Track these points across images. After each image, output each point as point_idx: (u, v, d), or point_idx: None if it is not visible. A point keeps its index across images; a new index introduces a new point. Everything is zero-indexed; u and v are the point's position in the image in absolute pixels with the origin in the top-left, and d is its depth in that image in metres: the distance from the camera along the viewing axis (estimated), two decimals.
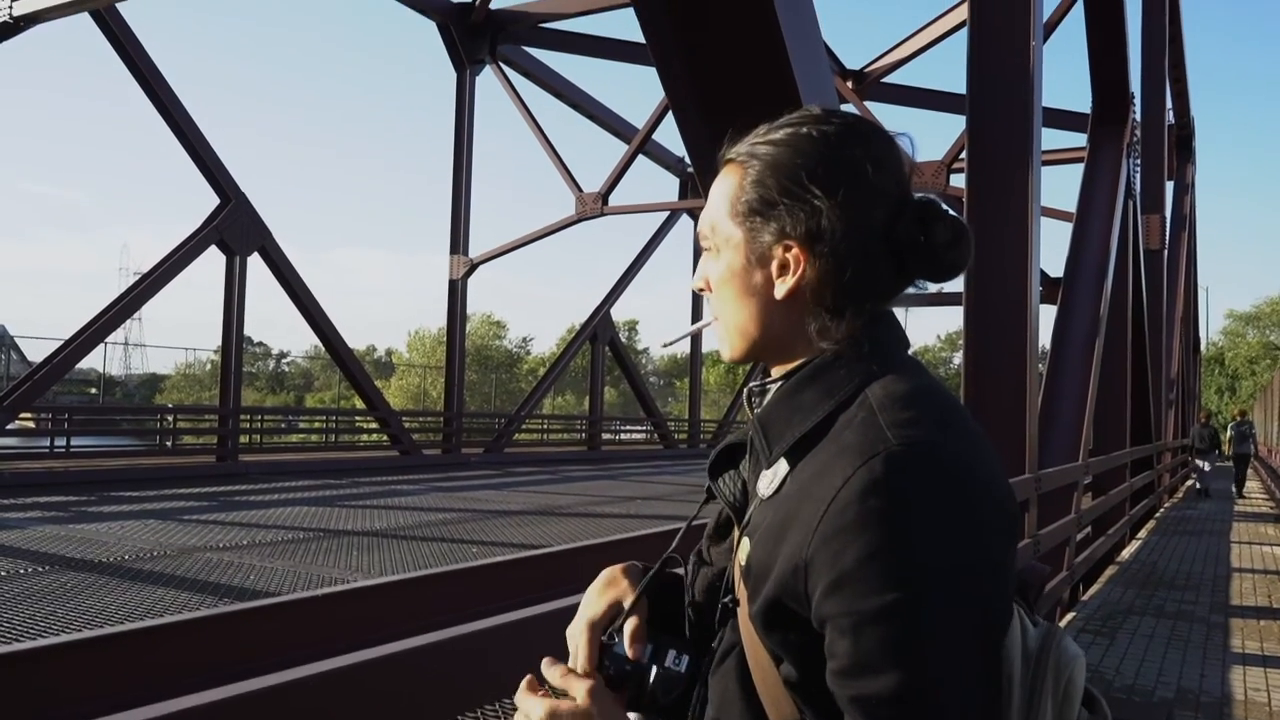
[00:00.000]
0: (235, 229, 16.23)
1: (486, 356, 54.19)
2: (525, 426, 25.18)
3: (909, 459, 0.80)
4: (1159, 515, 14.43)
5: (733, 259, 0.97)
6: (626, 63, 21.97)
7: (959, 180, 14.01)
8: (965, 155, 6.13)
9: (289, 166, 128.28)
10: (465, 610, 2.17)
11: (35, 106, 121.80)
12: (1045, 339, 8.62)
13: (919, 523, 0.78)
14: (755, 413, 0.97)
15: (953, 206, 0.95)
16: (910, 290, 0.96)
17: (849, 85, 19.87)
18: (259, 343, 60.41)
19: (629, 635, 1.00)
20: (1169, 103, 18.16)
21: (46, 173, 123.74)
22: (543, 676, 1.00)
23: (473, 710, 1.74)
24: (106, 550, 7.81)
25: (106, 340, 16.04)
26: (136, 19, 16.19)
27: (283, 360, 62.03)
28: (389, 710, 1.52)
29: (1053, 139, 18.01)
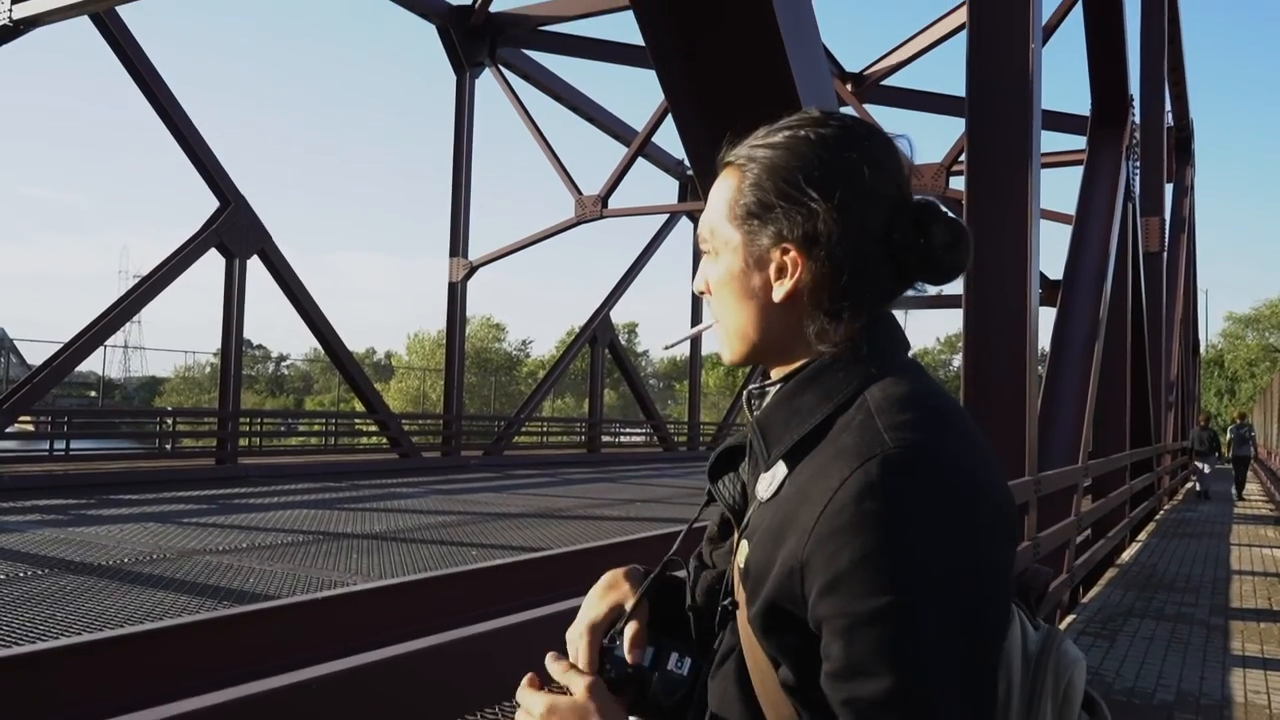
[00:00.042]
0: (235, 232, 16.24)
1: (486, 359, 54.22)
2: (525, 429, 25.17)
3: (905, 462, 0.80)
4: (1159, 518, 14.43)
5: (731, 262, 0.97)
6: (626, 65, 21.98)
7: (958, 183, 14.00)
8: (965, 158, 6.13)
9: (289, 169, 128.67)
10: (465, 613, 2.16)
11: (35, 110, 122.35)
12: (1045, 341, 8.63)
13: (914, 525, 0.78)
14: (754, 415, 0.97)
15: (952, 209, 0.96)
16: (910, 293, 0.96)
17: (848, 88, 19.88)
18: (258, 346, 60.46)
19: (629, 639, 0.99)
20: (1168, 105, 18.18)
21: (46, 176, 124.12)
22: (545, 675, 1.00)
23: (473, 713, 1.74)
24: (106, 553, 7.80)
25: (106, 343, 16.05)
26: (136, 22, 16.19)
27: (282, 363, 62.14)
28: (390, 713, 1.52)
29: (1052, 141, 18.06)
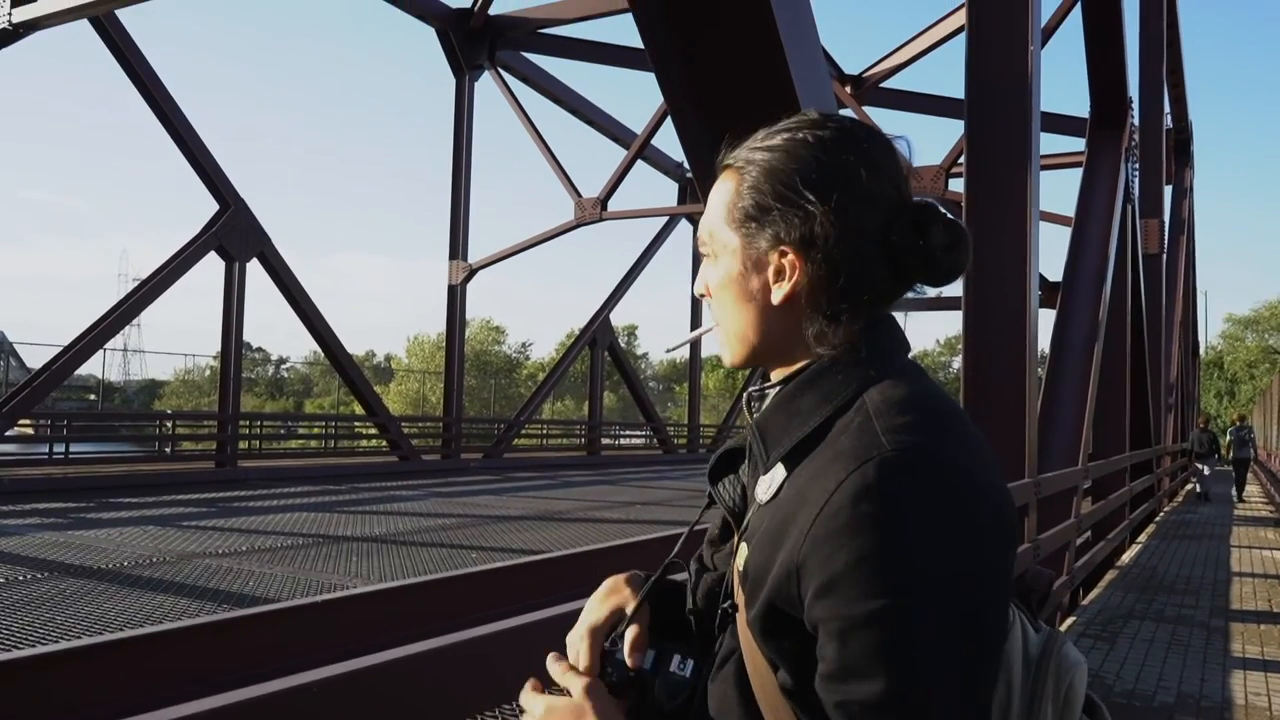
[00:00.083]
0: (234, 235, 16.25)
1: (486, 362, 54.23)
2: (524, 431, 25.16)
3: (902, 464, 0.80)
4: (1159, 519, 14.43)
5: (730, 265, 0.97)
6: (625, 68, 22.00)
7: (958, 185, 14.01)
8: (964, 160, 6.14)
9: (288, 172, 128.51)
10: (466, 616, 2.16)
11: (35, 113, 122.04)
12: (1044, 343, 8.63)
13: (911, 528, 0.78)
14: (754, 418, 0.96)
15: (951, 211, 0.95)
16: (909, 294, 0.96)
17: (848, 90, 19.91)
18: (258, 348, 60.49)
19: (630, 642, 0.99)
20: (1167, 107, 18.19)
21: (46, 179, 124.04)
22: (546, 677, 1.00)
23: (474, 716, 1.73)
24: (105, 557, 7.80)
25: (105, 346, 16.05)
26: (135, 26, 16.19)
27: (282, 366, 62.14)
28: (390, 716, 1.52)
29: (1051, 143, 18.04)
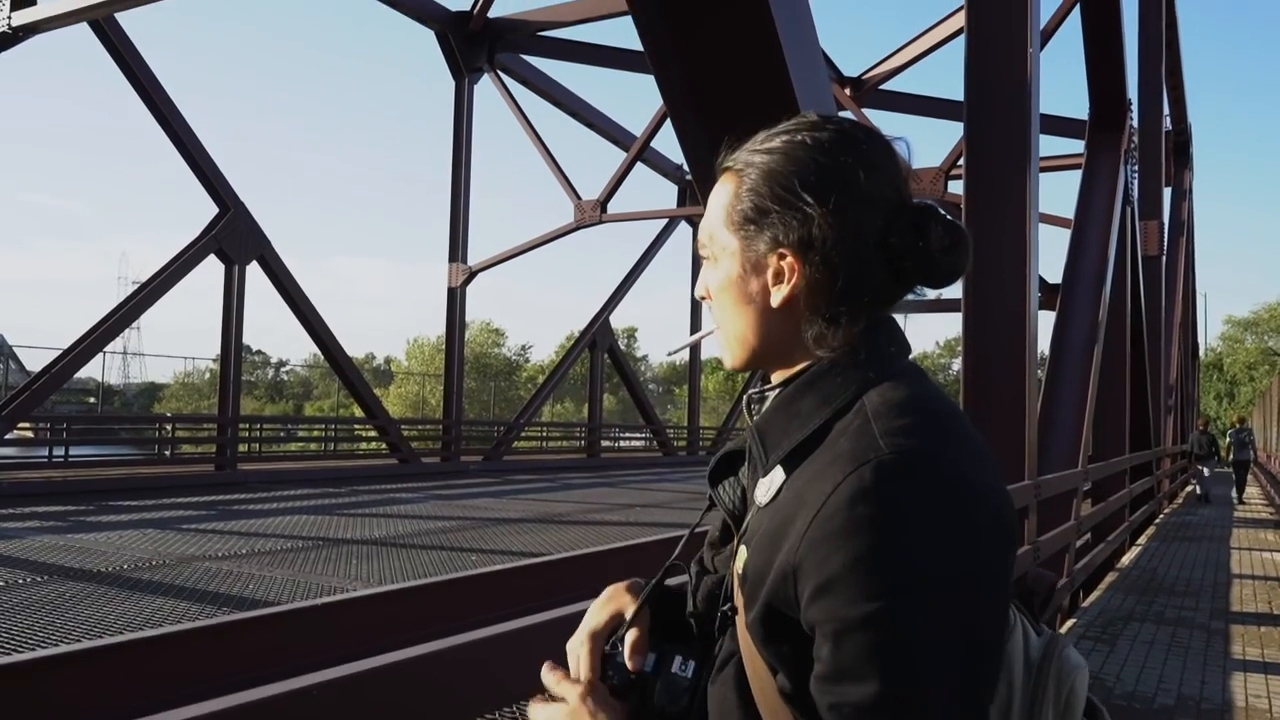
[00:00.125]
0: (234, 238, 16.25)
1: (485, 364, 54.20)
2: (524, 434, 25.15)
3: (900, 467, 0.79)
4: (1159, 521, 14.43)
5: (730, 268, 0.97)
6: (625, 70, 22.02)
7: (957, 187, 14.02)
8: (963, 162, 6.14)
9: (288, 175, 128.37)
10: (465, 619, 2.16)
11: (34, 116, 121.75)
12: (1044, 345, 8.64)
13: (908, 530, 0.77)
14: (753, 420, 0.96)
15: (951, 213, 0.95)
16: (909, 297, 0.95)
17: (847, 92, 19.93)
18: (258, 351, 60.45)
19: (630, 645, 0.99)
20: (1166, 109, 18.20)
21: (46, 182, 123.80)
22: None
23: (474, 719, 1.73)
24: (105, 560, 7.79)
25: (105, 349, 16.07)
26: (135, 29, 16.20)
27: (281, 369, 62.09)
28: (390, 719, 1.52)
29: (1050, 145, 18.02)
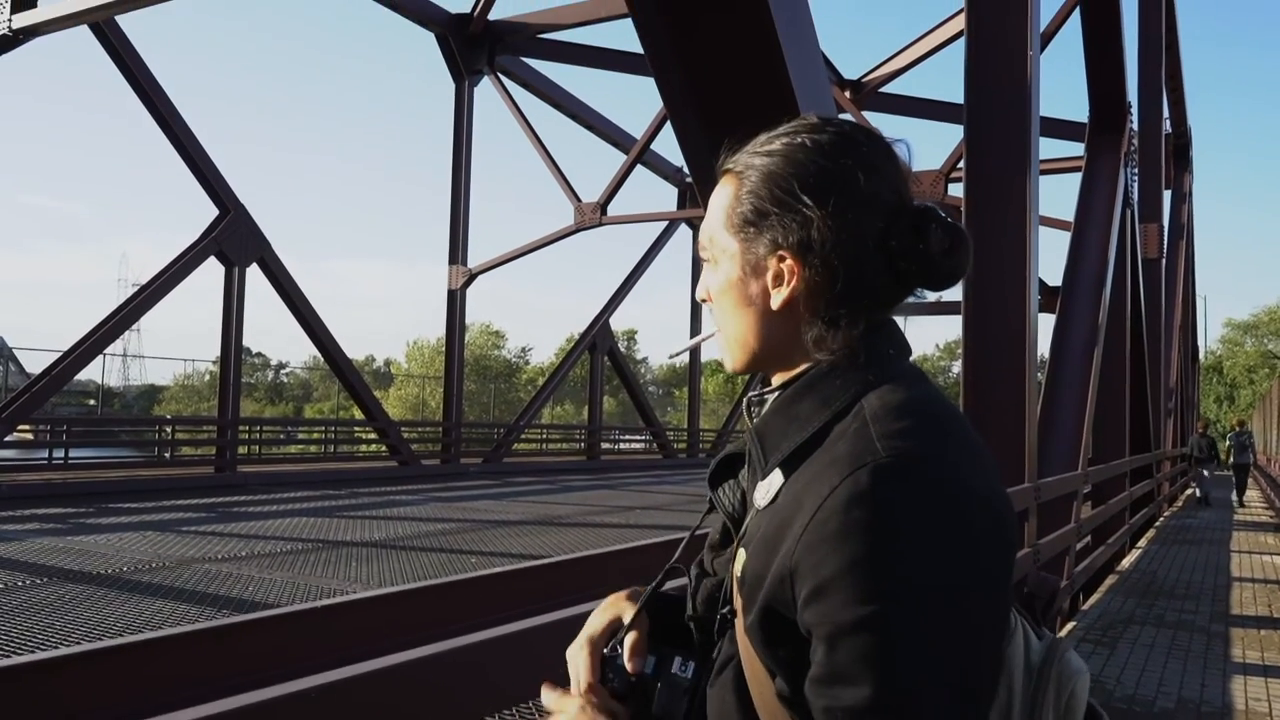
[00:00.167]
0: (234, 240, 16.25)
1: (485, 366, 54.19)
2: (524, 436, 25.16)
3: (897, 470, 0.79)
4: (1159, 524, 14.42)
5: (730, 270, 0.97)
6: (625, 73, 22.03)
7: (957, 189, 14.03)
8: (963, 164, 6.14)
9: (288, 177, 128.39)
10: (465, 621, 2.15)
11: (35, 118, 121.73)
12: (1044, 348, 8.63)
13: (904, 534, 0.77)
14: (753, 423, 0.96)
15: (951, 216, 0.95)
16: (910, 299, 0.95)
17: (847, 95, 19.94)
18: (257, 353, 60.44)
19: (629, 648, 0.99)
20: (1166, 112, 18.20)
21: (46, 184, 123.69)
22: (550, 682, 1.00)
23: None
24: (105, 562, 7.79)
25: (105, 351, 16.08)
26: (135, 31, 16.20)
27: (281, 371, 62.08)
28: None
29: (1050, 148, 18.01)
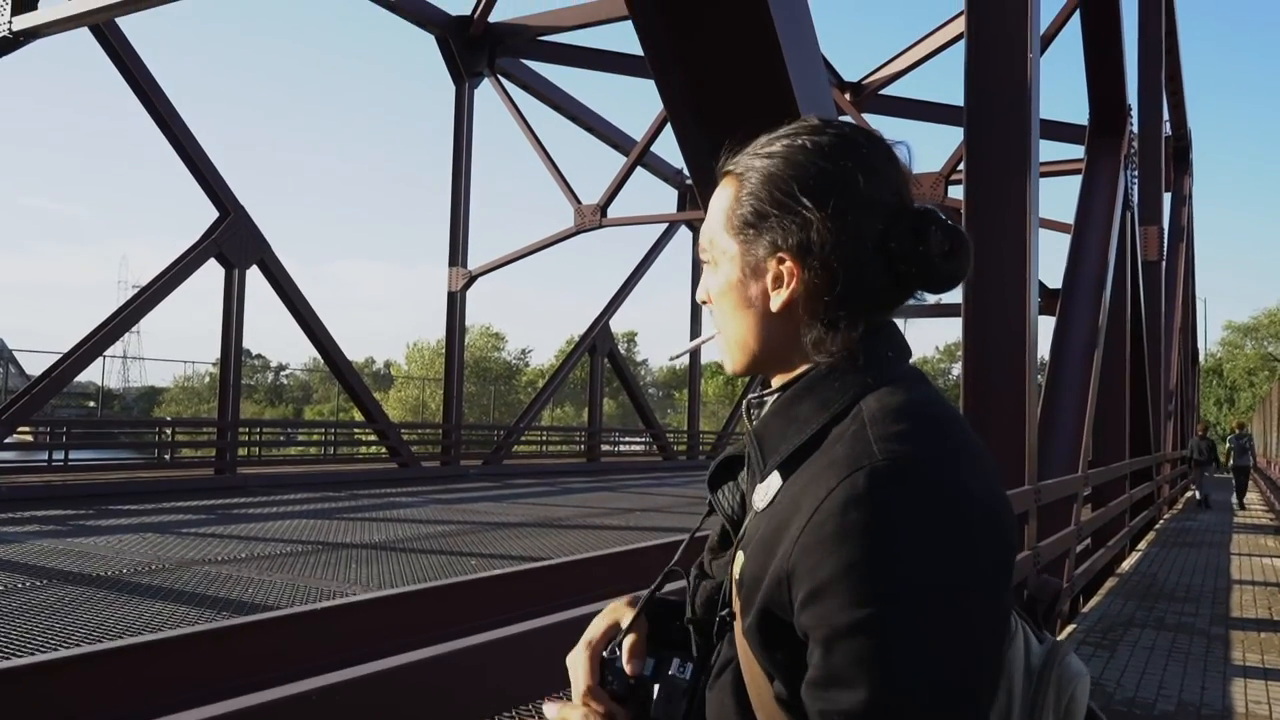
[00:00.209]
0: (234, 242, 16.25)
1: (485, 368, 54.17)
2: (524, 438, 25.15)
3: (893, 473, 0.79)
4: (1159, 527, 14.42)
5: (730, 272, 0.96)
6: (625, 75, 22.04)
7: (957, 192, 14.03)
8: (963, 167, 6.14)
9: (288, 179, 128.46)
10: (465, 623, 2.15)
11: (35, 121, 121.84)
12: (1044, 350, 8.63)
13: (900, 537, 0.77)
14: (752, 425, 0.96)
15: (951, 218, 0.95)
16: (910, 301, 0.95)
17: (847, 97, 19.95)
18: (257, 355, 60.41)
19: (627, 650, 0.99)
20: (1166, 114, 18.21)
21: (46, 186, 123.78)
22: (554, 688, 1.00)
23: None
24: (104, 564, 7.79)
25: (105, 353, 16.08)
26: (136, 33, 16.21)
27: (281, 373, 62.06)
28: None
29: (1050, 150, 18.04)
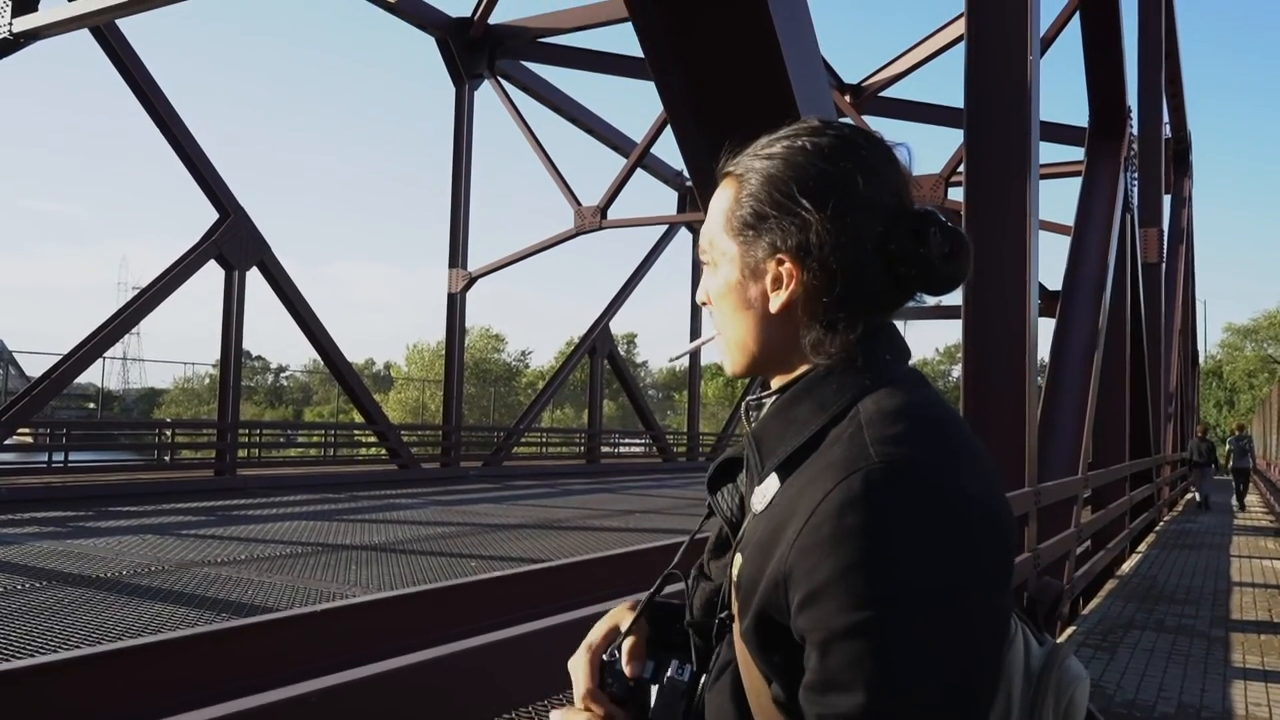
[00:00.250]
0: (234, 244, 16.26)
1: (485, 370, 54.15)
2: (524, 440, 25.15)
3: (889, 475, 0.79)
4: (1159, 529, 14.41)
5: (729, 273, 0.96)
6: (625, 77, 22.04)
7: (957, 194, 14.03)
8: (963, 169, 6.14)
9: (288, 181, 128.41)
10: (465, 625, 2.16)
11: (35, 122, 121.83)
12: (1044, 352, 8.64)
13: (896, 540, 0.77)
14: (751, 427, 0.96)
15: (951, 220, 0.94)
16: (909, 303, 0.95)
17: (847, 99, 19.94)
18: (257, 357, 60.37)
19: (626, 652, 0.99)
20: (1165, 117, 18.22)
21: (46, 188, 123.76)
22: (552, 690, 1.00)
23: None
24: (104, 566, 7.78)
25: (105, 355, 16.07)
26: (135, 34, 16.22)
27: (281, 374, 62.01)
28: None
29: (1050, 152, 18.06)
